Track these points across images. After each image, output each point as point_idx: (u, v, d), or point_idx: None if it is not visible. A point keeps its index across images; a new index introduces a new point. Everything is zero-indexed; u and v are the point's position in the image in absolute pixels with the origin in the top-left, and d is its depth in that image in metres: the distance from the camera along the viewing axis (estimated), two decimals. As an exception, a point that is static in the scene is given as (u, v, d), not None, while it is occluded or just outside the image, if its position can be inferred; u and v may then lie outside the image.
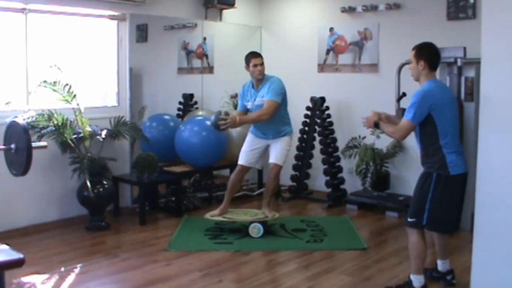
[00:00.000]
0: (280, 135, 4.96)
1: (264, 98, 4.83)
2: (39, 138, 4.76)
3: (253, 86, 4.97)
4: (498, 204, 3.16)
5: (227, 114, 4.80)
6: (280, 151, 4.95)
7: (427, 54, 3.51)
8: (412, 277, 3.58)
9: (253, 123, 4.98)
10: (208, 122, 5.34)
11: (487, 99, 3.19)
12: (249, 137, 5.09)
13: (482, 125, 3.23)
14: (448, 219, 3.56)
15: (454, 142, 3.47)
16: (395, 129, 3.54)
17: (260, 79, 4.89)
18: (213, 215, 5.06)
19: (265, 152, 5.10)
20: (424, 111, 3.39)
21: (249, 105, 4.96)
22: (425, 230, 3.61)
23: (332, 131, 6.31)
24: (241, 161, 5.05)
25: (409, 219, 3.57)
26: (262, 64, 4.88)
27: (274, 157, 4.96)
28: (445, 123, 3.42)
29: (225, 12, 6.82)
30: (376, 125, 3.69)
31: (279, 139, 4.96)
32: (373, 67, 6.16)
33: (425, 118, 3.41)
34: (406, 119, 3.45)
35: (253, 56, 4.91)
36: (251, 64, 4.87)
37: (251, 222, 4.89)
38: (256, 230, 4.87)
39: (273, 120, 4.88)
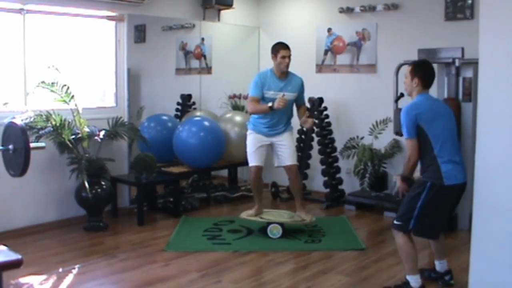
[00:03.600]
0: (284, 130, 4.97)
1: (294, 94, 4.92)
2: (37, 139, 4.77)
3: (275, 75, 4.91)
4: (496, 204, 3.16)
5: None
6: (291, 149, 5.00)
7: (423, 73, 3.58)
8: (408, 277, 3.58)
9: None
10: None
11: (485, 100, 3.19)
12: (252, 137, 5.00)
13: (480, 125, 3.24)
14: (435, 227, 3.59)
15: (450, 151, 3.48)
16: (407, 156, 3.58)
17: (285, 72, 4.91)
18: (249, 215, 5.07)
19: (269, 149, 5.08)
20: (413, 123, 3.47)
21: (269, 93, 4.85)
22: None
23: (330, 132, 6.31)
24: (254, 162, 4.96)
25: (395, 222, 3.59)
26: (290, 56, 4.89)
27: (289, 158, 4.96)
28: (436, 132, 3.46)
29: (223, 12, 6.82)
30: (404, 179, 3.65)
31: (283, 134, 4.95)
32: (371, 67, 6.17)
33: (417, 130, 3.47)
34: (405, 139, 3.56)
35: (283, 48, 4.89)
36: (279, 55, 4.86)
37: (269, 223, 4.90)
38: (276, 230, 4.88)
39: (287, 115, 4.97)
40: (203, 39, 6.83)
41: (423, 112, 3.47)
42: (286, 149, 4.96)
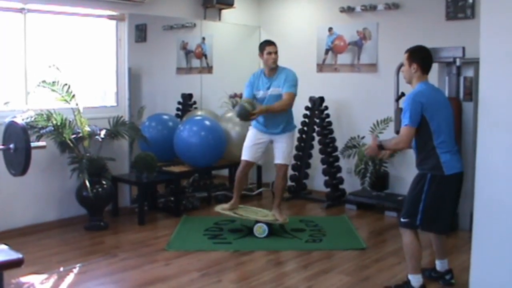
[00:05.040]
0: (284, 130, 4.93)
1: (280, 88, 4.81)
2: (38, 138, 4.77)
3: (264, 75, 4.91)
4: (497, 203, 3.17)
5: (253, 105, 4.73)
6: (286, 150, 4.94)
7: (420, 57, 3.55)
8: (410, 277, 3.58)
9: (276, 112, 4.85)
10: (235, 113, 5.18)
11: (486, 99, 3.20)
12: (252, 132, 5.03)
13: (481, 125, 3.24)
14: (442, 219, 3.55)
15: (449, 141, 3.47)
16: (398, 139, 3.51)
17: (273, 68, 4.86)
18: (223, 208, 5.08)
19: (268, 146, 5.08)
20: (418, 111, 3.40)
21: (260, 93, 4.88)
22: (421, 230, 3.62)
23: (331, 131, 6.31)
24: (245, 156, 5.00)
25: (402, 220, 3.57)
26: (276, 52, 4.86)
27: (281, 157, 4.94)
28: (438, 123, 3.43)
29: (224, 12, 6.82)
30: (380, 147, 3.62)
31: (283, 135, 4.93)
32: (372, 67, 6.16)
33: (420, 119, 3.43)
34: (404, 125, 3.44)
35: (268, 44, 4.89)
36: (265, 52, 4.85)
37: (257, 222, 4.89)
38: (261, 230, 4.88)
39: (282, 114, 4.88)
40: (204, 38, 6.83)
41: (429, 102, 3.42)
42: (280, 148, 4.95)
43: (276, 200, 5.05)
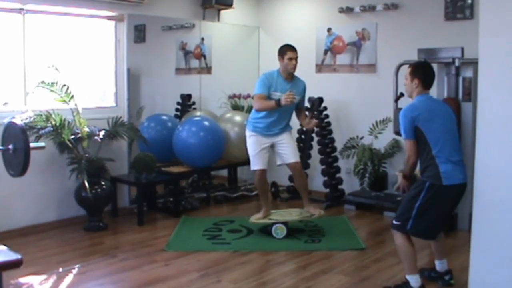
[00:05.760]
0: (284, 130, 4.97)
1: (298, 97, 4.87)
2: (37, 139, 4.77)
3: (282, 78, 4.87)
4: (496, 204, 3.16)
5: None
6: (293, 147, 5.01)
7: (422, 74, 3.60)
8: (408, 277, 3.59)
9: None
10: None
11: (485, 99, 3.19)
12: (252, 140, 4.95)
13: (480, 125, 3.24)
14: (432, 228, 3.59)
15: (448, 151, 3.48)
16: (407, 156, 3.60)
17: (291, 73, 4.89)
18: (257, 218, 5.07)
19: (271, 151, 5.07)
20: (410, 125, 3.49)
21: (277, 95, 4.77)
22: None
23: (330, 132, 6.32)
24: (259, 165, 4.93)
25: (394, 222, 3.60)
26: (296, 58, 4.87)
27: (292, 156, 4.96)
28: (435, 133, 3.46)
29: (223, 12, 6.82)
30: (406, 177, 3.68)
31: (283, 134, 4.95)
32: (371, 67, 6.16)
33: (415, 131, 3.49)
34: (404, 140, 3.60)
35: (290, 50, 4.87)
36: (286, 57, 4.84)
37: (274, 223, 4.92)
38: (281, 230, 4.89)
39: (287, 116, 4.97)
40: (202, 39, 6.83)
41: (420, 113, 3.48)
42: (287, 147, 4.95)
43: (305, 198, 5.14)
